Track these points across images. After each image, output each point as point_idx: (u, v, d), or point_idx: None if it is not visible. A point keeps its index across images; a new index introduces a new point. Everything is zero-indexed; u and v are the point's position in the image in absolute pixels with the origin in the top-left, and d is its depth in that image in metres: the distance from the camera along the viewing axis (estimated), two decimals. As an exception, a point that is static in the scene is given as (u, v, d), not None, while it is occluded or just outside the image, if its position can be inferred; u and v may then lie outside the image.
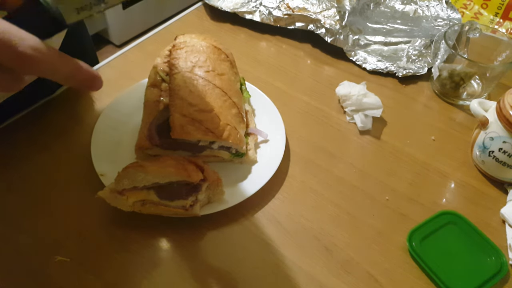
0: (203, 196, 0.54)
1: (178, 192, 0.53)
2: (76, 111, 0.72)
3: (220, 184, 0.56)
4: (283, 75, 0.81)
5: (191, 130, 0.57)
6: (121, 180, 0.53)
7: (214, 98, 0.61)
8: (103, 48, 2.28)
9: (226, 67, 0.66)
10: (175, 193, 0.53)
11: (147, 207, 0.54)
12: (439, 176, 0.65)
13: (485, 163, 0.64)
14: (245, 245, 0.56)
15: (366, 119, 0.70)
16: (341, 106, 0.74)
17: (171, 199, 0.53)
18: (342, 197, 0.61)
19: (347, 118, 0.72)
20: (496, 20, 0.99)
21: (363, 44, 0.85)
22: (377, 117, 0.70)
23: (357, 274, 0.54)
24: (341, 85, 0.74)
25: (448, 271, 0.53)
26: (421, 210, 0.60)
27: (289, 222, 0.58)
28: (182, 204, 0.53)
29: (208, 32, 0.90)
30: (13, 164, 0.63)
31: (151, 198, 0.53)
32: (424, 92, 0.79)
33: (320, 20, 0.84)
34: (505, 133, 0.59)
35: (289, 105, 0.75)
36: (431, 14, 0.93)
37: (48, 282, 0.52)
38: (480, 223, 0.58)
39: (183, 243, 0.56)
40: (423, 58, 0.82)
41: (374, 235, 0.58)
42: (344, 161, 0.66)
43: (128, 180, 0.53)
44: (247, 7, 0.90)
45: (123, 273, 0.53)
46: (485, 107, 0.63)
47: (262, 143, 0.67)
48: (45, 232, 0.55)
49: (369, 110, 0.70)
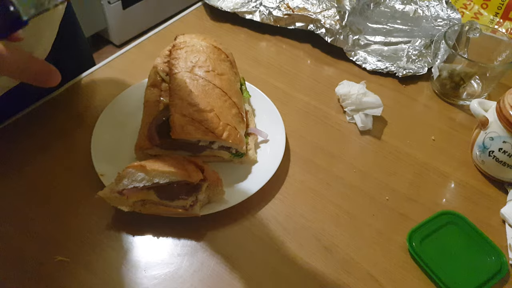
0: (203, 196, 0.54)
1: (178, 192, 0.53)
2: (76, 111, 0.72)
3: (220, 184, 0.56)
4: (283, 75, 0.81)
5: (191, 130, 0.57)
6: (121, 180, 0.53)
7: (214, 98, 0.61)
8: (103, 48, 2.28)
9: (226, 67, 0.66)
10: (175, 193, 0.53)
11: (147, 207, 0.54)
12: (439, 176, 0.65)
13: (485, 163, 0.64)
14: (245, 245, 0.56)
15: (366, 118, 0.70)
16: (340, 106, 0.74)
17: (171, 199, 0.53)
18: (342, 197, 0.61)
19: (347, 118, 0.72)
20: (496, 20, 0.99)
21: (363, 44, 0.85)
22: (378, 116, 0.70)
23: (357, 274, 0.54)
24: (341, 84, 0.74)
25: (448, 271, 0.53)
26: (421, 210, 0.60)
27: (289, 222, 0.58)
28: (182, 204, 0.53)
29: (208, 32, 0.90)
30: (13, 163, 0.63)
31: (151, 198, 0.53)
32: (424, 92, 0.79)
33: (320, 20, 0.84)
34: (505, 133, 0.59)
35: (289, 105, 0.75)
36: (431, 14, 0.93)
37: (48, 282, 0.52)
38: (480, 223, 0.58)
39: (183, 243, 0.56)
40: (423, 58, 0.82)
41: (374, 235, 0.58)
42: (344, 161, 0.66)
43: (128, 180, 0.53)
44: (247, 7, 0.90)
45: (123, 273, 0.53)
46: (485, 107, 0.63)
47: (262, 143, 0.67)
48: (45, 232, 0.56)
49: (369, 109, 0.70)
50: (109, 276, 0.52)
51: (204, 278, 0.52)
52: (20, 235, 0.55)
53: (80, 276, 0.52)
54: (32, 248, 0.54)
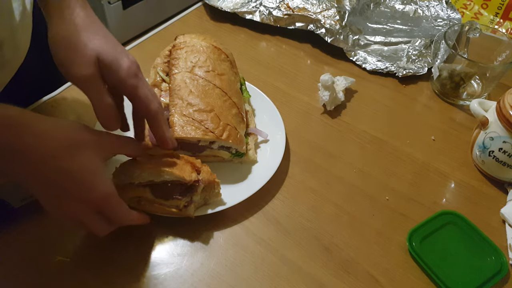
0: (198, 197, 0.54)
1: (172, 192, 0.53)
2: (76, 111, 0.72)
3: (216, 186, 0.55)
4: (283, 75, 0.81)
5: (191, 130, 0.57)
6: (118, 175, 0.53)
7: (214, 98, 0.61)
8: (103, 48, 2.27)
9: (226, 67, 0.66)
10: (170, 192, 0.53)
11: (142, 204, 0.53)
12: (439, 176, 0.65)
13: (485, 163, 0.64)
14: (245, 245, 0.56)
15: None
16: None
17: (166, 198, 0.53)
18: (342, 197, 0.61)
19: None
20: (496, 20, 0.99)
21: (363, 44, 0.85)
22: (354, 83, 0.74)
23: (357, 274, 0.54)
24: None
25: (448, 271, 0.53)
26: (421, 210, 0.60)
27: (289, 222, 0.58)
28: (176, 204, 0.53)
29: (208, 32, 0.90)
30: (13, 164, 0.63)
31: (146, 195, 0.53)
32: (424, 92, 0.79)
33: (320, 20, 0.84)
34: (505, 133, 0.59)
35: (289, 105, 0.75)
36: (431, 14, 0.93)
37: (48, 282, 0.52)
38: (480, 223, 0.58)
39: (183, 243, 0.56)
40: (423, 58, 0.82)
41: (374, 235, 0.58)
42: (344, 161, 0.66)
43: (125, 176, 0.53)
44: (247, 7, 0.90)
45: (123, 273, 0.53)
46: (485, 107, 0.63)
47: (262, 143, 0.67)
48: (45, 232, 0.55)
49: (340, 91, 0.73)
50: (109, 276, 0.52)
51: (204, 278, 0.52)
52: (20, 235, 0.55)
53: (80, 276, 0.52)
54: (32, 248, 0.54)
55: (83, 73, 0.44)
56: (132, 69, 0.47)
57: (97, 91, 0.46)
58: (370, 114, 0.74)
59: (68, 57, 0.45)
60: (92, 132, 0.46)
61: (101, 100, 0.46)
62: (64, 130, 0.43)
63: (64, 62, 0.45)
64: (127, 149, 0.52)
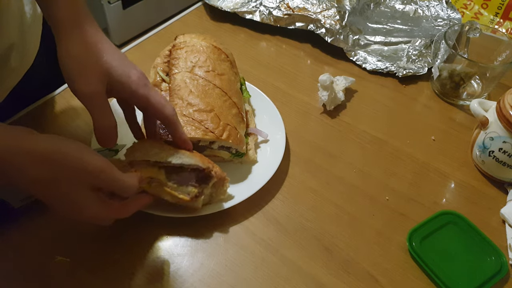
0: (208, 191, 0.54)
1: (187, 178, 0.52)
2: (76, 111, 0.71)
3: (225, 184, 0.55)
4: (283, 75, 0.81)
5: (191, 130, 0.57)
6: (133, 152, 0.52)
7: (214, 98, 0.61)
8: (103, 48, 2.27)
9: (226, 67, 0.66)
10: (185, 178, 0.52)
11: (153, 186, 0.52)
12: (439, 176, 0.65)
13: (485, 163, 0.64)
14: (245, 245, 0.56)
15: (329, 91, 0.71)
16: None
17: (179, 183, 0.52)
18: (342, 197, 0.61)
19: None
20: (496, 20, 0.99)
21: (363, 44, 0.85)
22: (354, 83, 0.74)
23: (357, 274, 0.54)
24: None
25: (448, 271, 0.53)
26: (421, 210, 0.60)
27: (289, 222, 0.58)
28: (188, 191, 0.52)
29: (208, 32, 0.90)
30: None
31: (159, 177, 0.52)
32: (424, 92, 0.79)
33: (320, 20, 0.84)
34: (505, 133, 0.59)
35: (289, 105, 0.75)
36: (431, 14, 0.93)
37: (48, 282, 0.52)
38: (480, 223, 0.58)
39: (183, 243, 0.56)
40: (423, 58, 0.82)
41: (374, 235, 0.58)
42: (344, 161, 0.66)
43: (141, 153, 0.52)
44: (247, 7, 0.90)
45: (122, 273, 0.53)
46: (485, 107, 0.63)
47: (262, 143, 0.67)
48: (45, 232, 0.55)
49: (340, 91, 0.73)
50: (109, 276, 0.52)
51: (204, 278, 0.52)
52: (20, 235, 0.55)
53: (80, 276, 0.52)
54: (32, 248, 0.54)
55: (90, 89, 0.46)
56: (142, 79, 0.50)
57: (100, 109, 0.47)
58: (370, 114, 0.74)
59: (78, 74, 0.46)
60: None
61: (103, 119, 0.47)
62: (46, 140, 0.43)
63: (74, 78, 0.46)
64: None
